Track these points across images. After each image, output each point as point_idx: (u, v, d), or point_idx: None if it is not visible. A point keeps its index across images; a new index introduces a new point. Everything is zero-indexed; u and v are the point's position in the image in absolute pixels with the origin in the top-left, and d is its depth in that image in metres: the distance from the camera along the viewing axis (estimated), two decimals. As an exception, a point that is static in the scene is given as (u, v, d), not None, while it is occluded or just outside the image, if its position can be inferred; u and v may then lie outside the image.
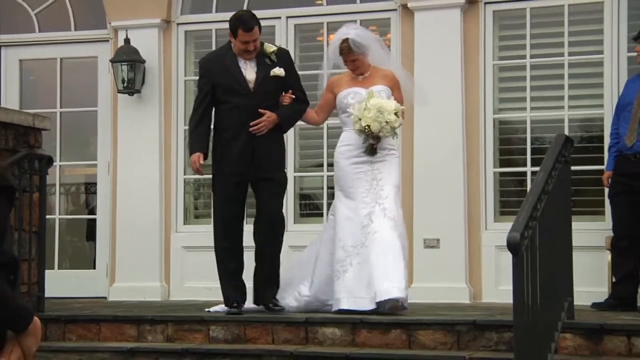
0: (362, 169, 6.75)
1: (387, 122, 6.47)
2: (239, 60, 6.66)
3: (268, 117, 6.56)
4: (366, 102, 6.54)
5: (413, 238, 8.15)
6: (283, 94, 6.73)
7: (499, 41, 8.40)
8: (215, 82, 6.67)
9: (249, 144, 6.58)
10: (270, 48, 6.68)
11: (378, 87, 6.76)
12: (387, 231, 6.58)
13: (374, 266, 6.52)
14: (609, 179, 7.16)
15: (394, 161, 6.87)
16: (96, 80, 9.35)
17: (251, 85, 6.62)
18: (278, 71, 6.62)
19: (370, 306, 6.47)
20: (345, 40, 6.73)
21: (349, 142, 6.80)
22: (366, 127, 6.49)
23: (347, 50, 6.73)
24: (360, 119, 6.51)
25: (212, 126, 6.74)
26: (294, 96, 6.74)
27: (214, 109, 6.73)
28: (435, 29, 8.31)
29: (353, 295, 6.55)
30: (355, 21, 8.64)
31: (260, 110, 6.55)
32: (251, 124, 6.53)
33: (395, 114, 6.51)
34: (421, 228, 8.17)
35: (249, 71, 6.64)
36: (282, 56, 6.76)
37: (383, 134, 6.57)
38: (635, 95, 7.02)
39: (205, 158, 6.69)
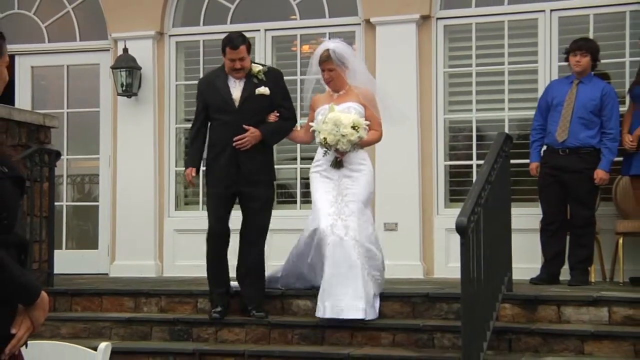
0: (330, 183, 6.16)
1: (343, 135, 5.98)
2: (229, 80, 6.29)
3: (252, 132, 6.18)
4: (325, 116, 6.12)
5: (375, 223, 8.14)
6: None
7: (449, 52, 8.41)
8: (207, 101, 6.35)
9: (234, 158, 6.19)
10: (257, 68, 6.32)
11: (348, 104, 6.22)
12: (347, 248, 5.95)
13: (327, 280, 5.94)
14: (537, 170, 7.20)
15: (362, 176, 6.19)
16: (98, 84, 9.30)
17: (236, 103, 6.25)
18: (263, 90, 6.23)
19: (327, 315, 5.93)
20: (327, 50, 6.27)
21: (319, 156, 6.28)
22: (323, 140, 6.05)
23: (326, 58, 6.23)
24: (319, 132, 6.09)
25: (206, 142, 6.42)
26: (278, 115, 6.33)
27: (209, 126, 6.41)
28: (394, 41, 8.30)
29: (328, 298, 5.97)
30: (324, 34, 8.67)
31: (244, 126, 6.18)
32: (235, 139, 6.16)
33: (353, 127, 6.00)
34: (382, 213, 8.17)
35: (236, 90, 6.27)
36: (271, 75, 6.36)
37: (341, 147, 6.04)
38: (565, 97, 7.07)
39: (197, 172, 6.37)
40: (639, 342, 5.62)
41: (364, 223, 6.09)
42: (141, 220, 8.85)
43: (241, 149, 6.17)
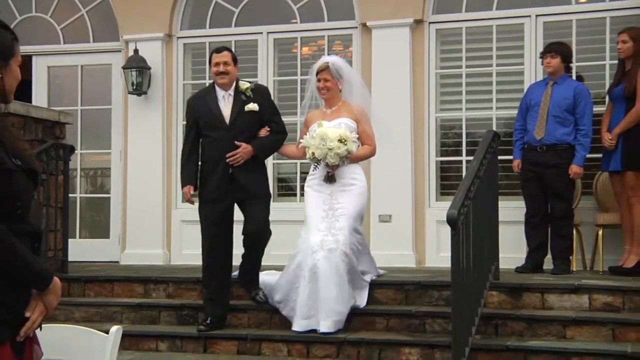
0: (322, 197, 5.97)
1: (330, 148, 5.79)
2: (218, 99, 6.10)
3: (244, 148, 5.98)
4: (314, 131, 5.96)
5: (370, 214, 8.16)
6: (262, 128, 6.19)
7: (440, 54, 8.41)
8: (198, 118, 6.15)
9: (227, 174, 6.01)
10: (244, 85, 6.13)
11: (340, 120, 6.05)
12: (335, 263, 5.76)
13: (315, 293, 5.75)
14: (519, 166, 7.22)
15: (355, 191, 6.01)
16: (110, 83, 9.30)
17: (227, 120, 6.06)
18: (252, 106, 6.06)
19: (305, 329, 5.81)
20: (327, 62, 6.12)
21: (313, 171, 6.11)
22: (312, 155, 5.89)
23: (324, 68, 6.06)
24: (308, 148, 5.92)
25: (199, 158, 6.22)
26: (269, 129, 6.15)
27: (201, 142, 6.21)
28: (389, 44, 8.29)
29: (304, 317, 5.82)
30: (323, 37, 8.67)
31: (236, 142, 5.99)
32: (227, 155, 5.97)
33: (340, 140, 5.81)
34: (377, 206, 8.17)
35: (226, 107, 6.08)
36: (258, 91, 6.19)
37: (329, 161, 5.86)
38: (541, 98, 7.10)
39: (195, 189, 6.17)
40: (617, 327, 5.64)
41: (353, 237, 5.90)
42: (150, 212, 8.84)
43: (234, 164, 6.00)
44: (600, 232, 7.33)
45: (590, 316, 5.78)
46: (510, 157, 7.39)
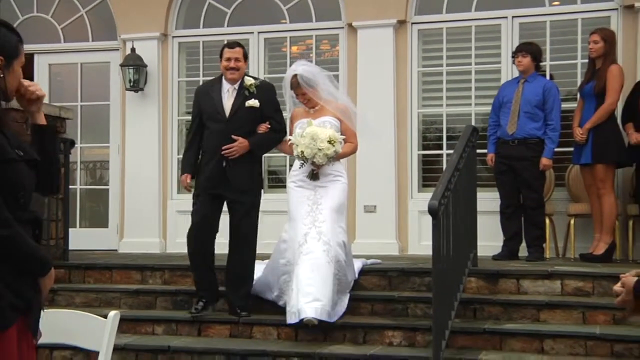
0: (305, 193, 5.82)
1: (319, 149, 5.67)
2: (223, 91, 5.97)
3: (240, 142, 5.84)
4: (304, 130, 5.80)
5: (356, 205, 8.19)
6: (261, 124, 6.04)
7: (422, 53, 8.41)
8: (201, 109, 6.04)
9: (221, 166, 5.86)
10: (249, 81, 5.97)
11: (324, 118, 5.92)
12: (319, 254, 5.61)
13: (299, 281, 5.58)
14: (492, 160, 7.25)
15: (337, 186, 5.88)
16: (109, 80, 9.26)
17: (227, 113, 5.92)
18: (252, 102, 5.91)
19: (296, 320, 5.55)
20: (295, 76, 5.91)
21: (296, 168, 5.97)
22: (301, 153, 5.74)
23: (296, 85, 5.92)
24: (297, 146, 5.76)
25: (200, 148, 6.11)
26: (269, 126, 6.01)
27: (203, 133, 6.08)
28: (374, 43, 8.28)
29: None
30: (311, 36, 8.67)
31: (233, 136, 5.85)
32: (223, 148, 5.83)
33: (330, 142, 5.69)
34: (362, 197, 8.20)
35: (228, 101, 5.95)
36: (262, 88, 6.03)
37: (317, 160, 5.73)
38: (513, 95, 7.14)
39: (193, 177, 6.04)
40: (587, 311, 5.68)
41: (337, 229, 5.78)
42: (147, 202, 8.83)
43: (229, 157, 5.86)
44: (571, 222, 7.38)
45: (562, 300, 5.81)
46: (487, 151, 7.41)
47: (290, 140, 5.92)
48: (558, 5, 8.10)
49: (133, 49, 8.82)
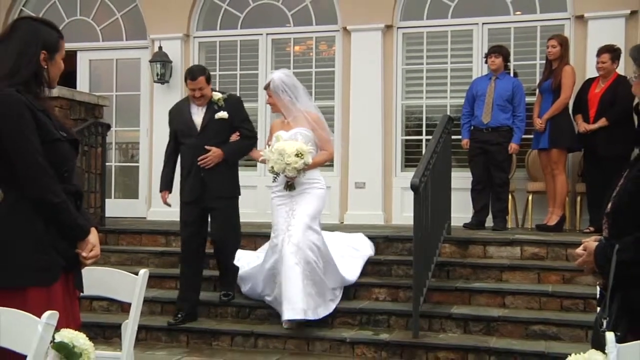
0: (284, 201, 5.29)
1: (287, 163, 5.08)
2: (192, 108, 5.52)
3: (214, 152, 5.39)
4: (273, 145, 5.23)
5: (348, 182, 8.19)
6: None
7: (406, 53, 8.35)
8: (175, 127, 5.60)
9: (199, 177, 5.42)
10: (217, 96, 5.50)
11: (297, 130, 5.31)
12: (288, 257, 5.10)
13: (280, 286, 5.21)
14: (467, 144, 7.21)
15: (312, 193, 5.29)
16: (139, 74, 9.20)
17: (198, 127, 5.46)
18: (222, 114, 5.44)
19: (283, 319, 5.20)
20: (269, 81, 5.39)
21: (273, 182, 5.36)
22: (271, 168, 5.17)
23: (267, 87, 5.42)
24: (268, 161, 5.20)
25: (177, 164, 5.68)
26: (240, 135, 5.54)
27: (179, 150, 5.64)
28: (365, 45, 8.23)
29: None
30: (312, 38, 8.60)
31: (206, 147, 5.40)
32: (199, 158, 5.40)
33: (297, 155, 5.09)
34: (353, 174, 8.19)
35: (198, 116, 5.48)
36: (230, 101, 5.54)
37: (287, 174, 5.16)
38: (486, 90, 7.10)
39: (170, 193, 5.64)
40: (541, 272, 5.71)
41: (307, 231, 5.18)
42: (171, 177, 8.78)
43: (205, 167, 5.41)
44: (530, 197, 7.38)
45: (521, 263, 5.84)
46: (461, 137, 7.40)
47: (262, 155, 5.40)
48: (520, 14, 8.05)
49: (160, 47, 8.75)
